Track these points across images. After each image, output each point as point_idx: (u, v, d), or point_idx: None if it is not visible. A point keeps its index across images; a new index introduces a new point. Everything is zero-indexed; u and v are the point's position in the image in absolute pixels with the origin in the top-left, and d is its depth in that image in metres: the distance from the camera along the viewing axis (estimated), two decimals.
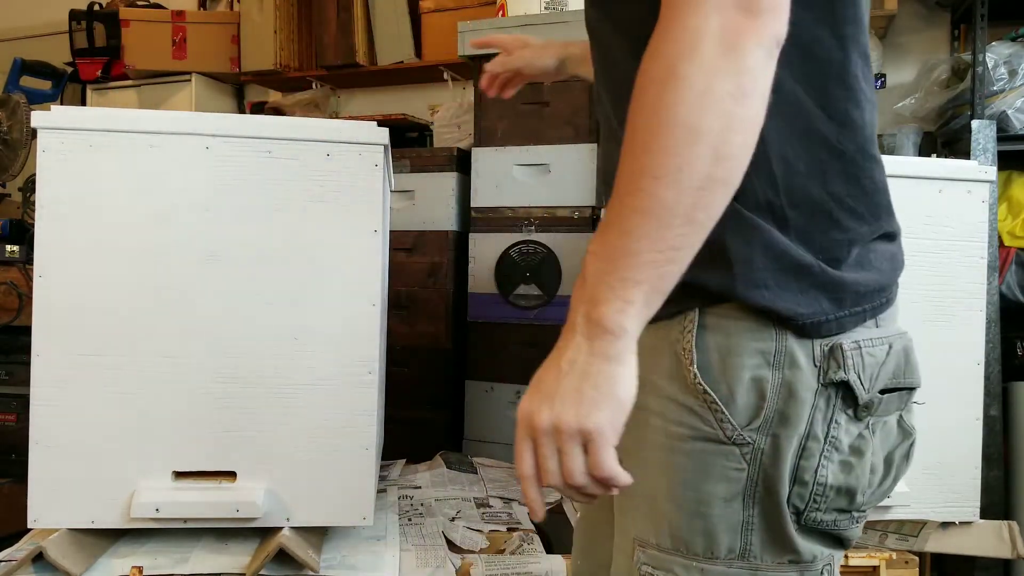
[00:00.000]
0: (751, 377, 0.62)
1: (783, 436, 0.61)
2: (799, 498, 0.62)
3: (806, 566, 0.64)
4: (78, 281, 1.10)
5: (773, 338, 0.61)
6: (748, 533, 0.64)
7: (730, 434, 0.62)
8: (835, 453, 0.62)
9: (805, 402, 0.61)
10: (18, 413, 2.17)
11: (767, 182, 0.62)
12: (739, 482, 0.63)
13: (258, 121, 1.15)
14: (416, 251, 2.12)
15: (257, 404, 1.13)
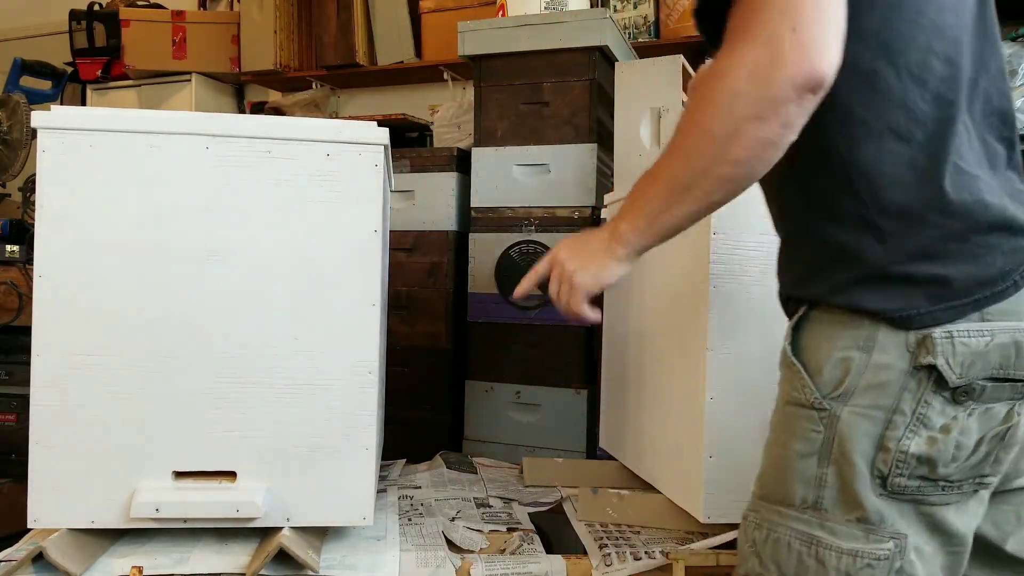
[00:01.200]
0: (839, 357, 0.75)
1: (863, 408, 0.73)
2: (883, 463, 0.73)
3: (872, 528, 0.73)
4: (78, 281, 1.10)
5: (865, 328, 0.73)
6: (821, 488, 0.76)
7: (812, 400, 0.76)
8: (922, 428, 0.71)
9: (892, 382, 0.72)
10: (18, 413, 2.17)
11: (854, 198, 0.75)
12: (815, 442, 0.76)
13: (258, 121, 1.15)
14: (416, 251, 2.12)
15: (257, 404, 1.13)
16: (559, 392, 1.92)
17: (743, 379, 1.19)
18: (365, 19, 3.00)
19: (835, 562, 0.74)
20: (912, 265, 0.72)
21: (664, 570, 1.18)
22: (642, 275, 1.49)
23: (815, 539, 0.76)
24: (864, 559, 0.74)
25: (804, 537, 0.76)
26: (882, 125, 0.73)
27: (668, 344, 1.35)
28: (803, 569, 0.76)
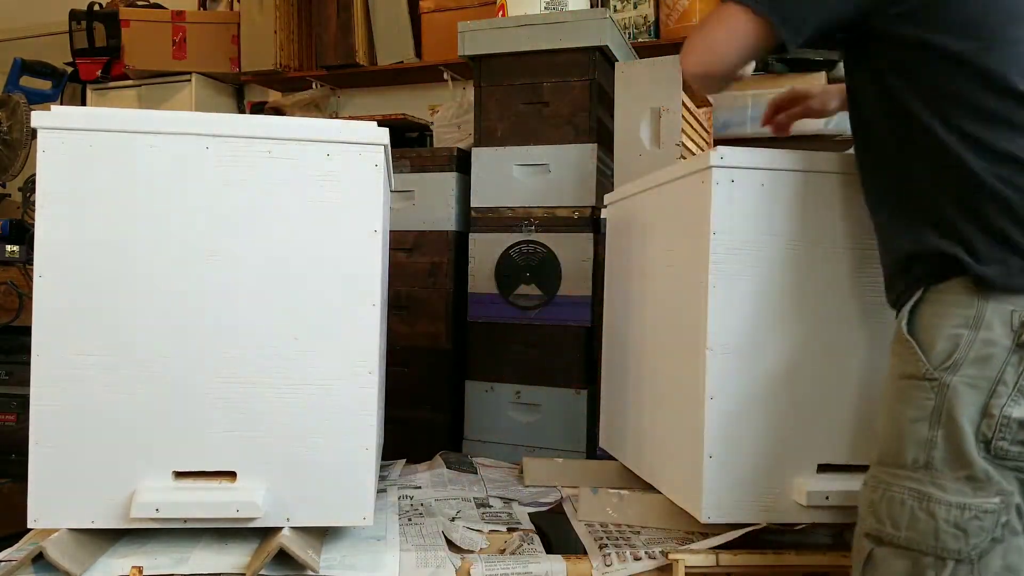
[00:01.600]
0: (950, 333, 0.87)
1: (970, 378, 0.85)
2: (987, 427, 0.84)
3: (979, 484, 0.84)
4: (78, 281, 1.10)
5: (974, 307, 0.86)
6: (931, 449, 0.87)
7: (924, 372, 0.88)
8: (1022, 398, 0.84)
9: (997, 356, 0.84)
10: (18, 413, 2.17)
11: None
12: (926, 409, 0.88)
13: (258, 121, 1.15)
14: (416, 251, 2.12)
15: (257, 404, 1.13)
16: (559, 392, 1.92)
17: (743, 379, 1.19)
18: (365, 19, 3.00)
19: (945, 514, 0.85)
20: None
21: (664, 570, 1.18)
22: (643, 275, 1.49)
23: (926, 495, 0.86)
24: (972, 511, 0.84)
25: (916, 493, 0.87)
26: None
27: (668, 344, 1.35)
28: (915, 521, 0.86)
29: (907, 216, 0.97)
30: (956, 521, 0.84)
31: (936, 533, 0.86)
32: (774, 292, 1.20)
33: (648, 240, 1.46)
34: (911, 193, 0.97)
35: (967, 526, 0.84)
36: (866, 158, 1.06)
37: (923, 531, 0.86)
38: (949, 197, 0.91)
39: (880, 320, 1.21)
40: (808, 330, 1.20)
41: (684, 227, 1.29)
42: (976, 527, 0.84)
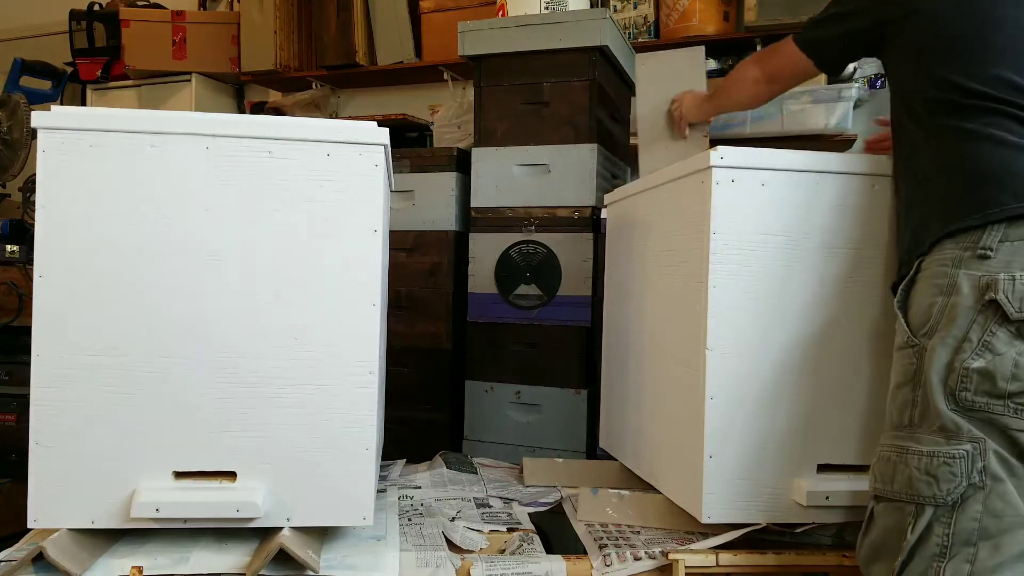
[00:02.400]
0: (928, 302, 0.97)
1: (941, 337, 0.93)
2: (952, 381, 0.91)
3: (951, 434, 0.91)
4: (78, 281, 1.10)
5: (947, 276, 0.95)
6: (912, 409, 0.96)
7: (907, 339, 0.99)
8: (987, 352, 0.90)
9: (964, 316, 0.92)
10: (18, 413, 2.17)
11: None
12: (909, 373, 0.98)
13: (258, 121, 1.15)
14: (416, 251, 2.12)
15: (257, 404, 1.13)
16: (559, 392, 1.92)
17: (743, 379, 1.19)
18: (365, 19, 3.00)
19: (916, 463, 0.93)
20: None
21: (664, 570, 1.18)
22: (643, 275, 1.49)
23: (904, 448, 0.95)
24: (940, 458, 0.91)
25: (897, 449, 0.96)
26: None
27: (668, 344, 1.35)
28: (896, 474, 0.95)
29: (913, 202, 1.08)
30: (927, 468, 0.92)
31: (911, 481, 0.93)
32: (774, 292, 1.20)
33: (648, 240, 1.46)
34: (915, 179, 1.08)
35: (936, 472, 0.91)
36: (894, 155, 1.17)
37: (902, 481, 0.94)
38: (943, 180, 1.02)
39: (879, 320, 1.21)
40: (808, 330, 1.20)
41: (684, 227, 1.29)
42: (946, 472, 0.91)
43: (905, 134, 1.11)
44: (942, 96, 1.03)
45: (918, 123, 1.07)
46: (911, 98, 1.09)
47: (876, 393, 1.22)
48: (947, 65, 1.03)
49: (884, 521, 0.99)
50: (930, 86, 1.05)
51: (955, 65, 1.02)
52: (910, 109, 1.09)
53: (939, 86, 1.03)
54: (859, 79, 2.21)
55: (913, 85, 1.08)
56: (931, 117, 1.05)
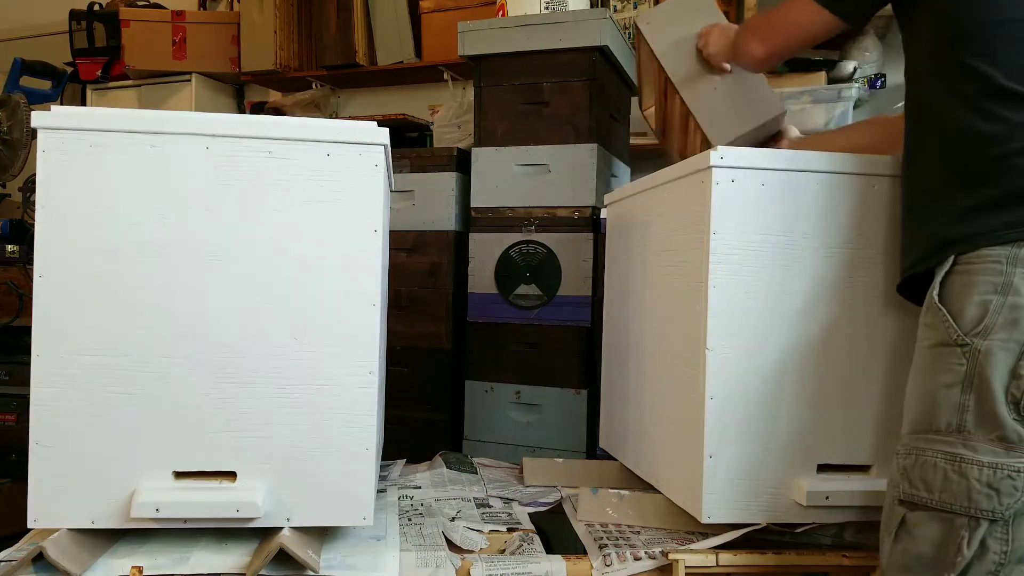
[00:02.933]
0: (980, 300, 0.89)
1: (1001, 341, 0.87)
2: (1016, 388, 0.86)
3: (1012, 445, 0.86)
4: (78, 281, 1.10)
5: (1003, 274, 0.89)
6: (964, 412, 0.89)
7: (955, 338, 0.91)
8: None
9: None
10: (18, 413, 2.17)
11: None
12: (959, 374, 0.90)
13: (258, 121, 1.15)
14: (416, 251, 2.12)
15: (257, 404, 1.13)
16: (559, 392, 1.92)
17: (743, 379, 1.19)
18: (365, 19, 3.00)
19: (977, 474, 0.86)
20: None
21: (664, 570, 1.18)
22: (643, 274, 1.49)
23: (959, 456, 0.88)
24: (1004, 471, 0.85)
25: (949, 456, 0.88)
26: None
27: (668, 344, 1.35)
28: (948, 483, 0.88)
29: (944, 192, 1.00)
30: (988, 480, 0.86)
31: (969, 493, 0.87)
32: (774, 292, 1.20)
33: (648, 240, 1.46)
34: (953, 166, 1.00)
35: (999, 485, 0.85)
36: (916, 135, 1.10)
37: (956, 492, 0.88)
38: (999, 168, 0.95)
39: (880, 319, 1.21)
40: (808, 330, 1.20)
41: (684, 227, 1.29)
42: (1009, 486, 0.85)
43: (938, 113, 1.01)
44: (994, 76, 0.94)
45: (962, 102, 0.97)
46: (953, 73, 0.98)
47: (877, 393, 1.22)
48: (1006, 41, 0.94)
49: (926, 532, 0.92)
50: (985, 62, 0.95)
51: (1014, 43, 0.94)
52: (952, 87, 0.98)
53: (994, 63, 0.94)
54: (859, 79, 2.21)
55: (957, 56, 0.98)
56: (985, 99, 0.94)
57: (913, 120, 1.09)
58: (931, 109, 1.03)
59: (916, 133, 1.08)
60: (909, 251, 1.05)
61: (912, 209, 1.06)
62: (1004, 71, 0.93)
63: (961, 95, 0.97)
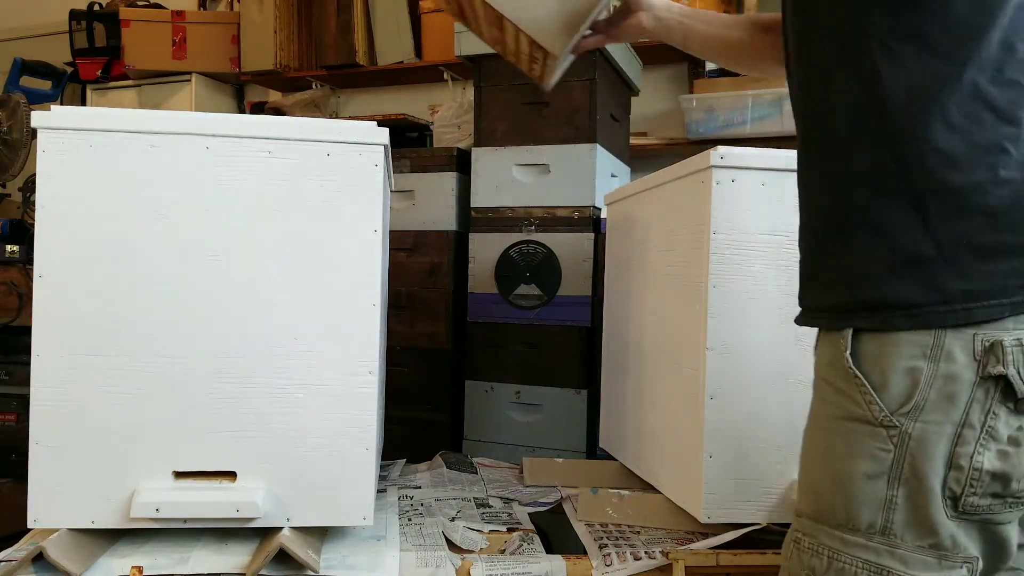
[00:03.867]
0: (906, 367, 0.68)
1: (934, 423, 0.68)
2: (956, 483, 0.68)
3: (945, 554, 0.69)
4: (78, 281, 1.10)
5: (931, 333, 0.67)
6: (890, 511, 0.70)
7: (879, 416, 0.70)
8: (992, 442, 0.67)
9: (961, 393, 0.67)
10: (18, 413, 2.16)
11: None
12: (884, 462, 0.70)
13: (258, 121, 1.15)
14: (416, 251, 2.12)
15: (257, 404, 1.13)
16: (559, 392, 1.92)
17: (743, 379, 1.19)
18: (365, 19, 3.00)
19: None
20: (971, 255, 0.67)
21: (664, 570, 1.18)
22: (643, 274, 1.49)
23: (885, 569, 0.70)
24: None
25: (874, 568, 0.71)
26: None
27: (668, 344, 1.35)
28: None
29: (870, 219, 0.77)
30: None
31: None
32: (774, 292, 1.20)
33: (648, 240, 1.46)
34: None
35: None
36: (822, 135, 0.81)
37: None
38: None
39: None
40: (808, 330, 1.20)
41: (684, 227, 1.29)
42: None
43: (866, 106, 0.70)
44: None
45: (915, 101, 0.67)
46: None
47: None
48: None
49: None
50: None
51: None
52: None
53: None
54: None
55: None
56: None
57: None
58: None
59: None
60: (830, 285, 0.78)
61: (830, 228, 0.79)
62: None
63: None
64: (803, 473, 0.78)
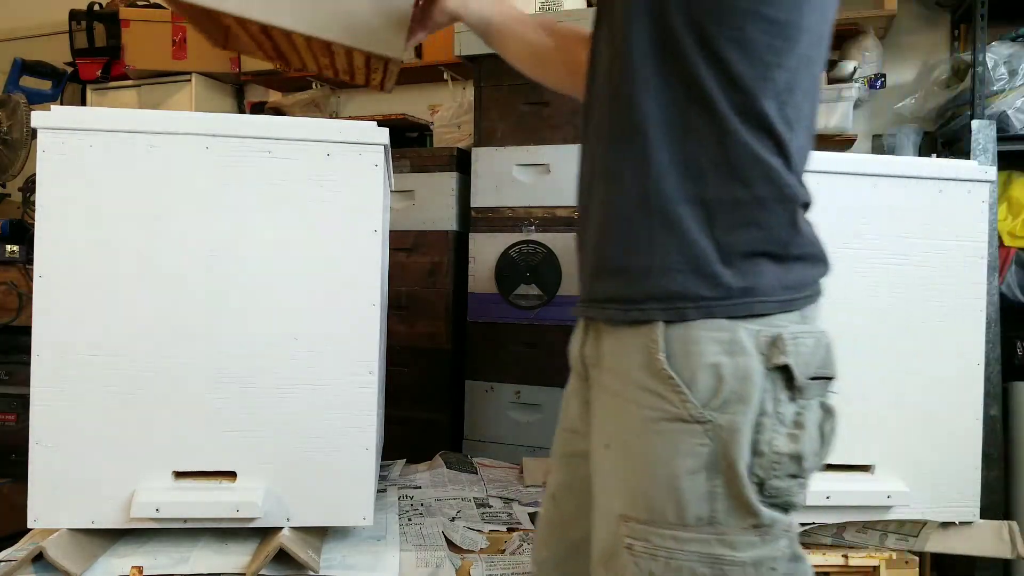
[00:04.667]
0: (710, 363, 0.72)
1: (739, 414, 0.72)
2: (760, 468, 0.73)
3: (766, 530, 0.74)
4: (78, 281, 1.10)
5: (726, 329, 0.72)
6: (714, 501, 0.73)
7: (693, 413, 0.73)
8: (781, 427, 0.73)
9: (756, 384, 0.72)
10: (18, 413, 2.17)
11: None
12: (702, 456, 0.73)
13: (258, 121, 1.16)
14: (416, 251, 2.12)
15: (257, 404, 1.13)
16: (559, 392, 1.92)
17: None
18: None
19: (740, 574, 0.73)
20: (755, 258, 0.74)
21: None
22: None
23: (717, 557, 0.73)
24: (767, 564, 0.74)
25: (706, 558, 0.74)
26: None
27: None
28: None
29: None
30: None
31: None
32: None
33: None
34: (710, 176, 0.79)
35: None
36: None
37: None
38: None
39: (880, 317, 1.21)
40: None
41: None
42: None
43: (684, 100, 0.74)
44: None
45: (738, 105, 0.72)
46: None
47: (876, 392, 1.22)
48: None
49: None
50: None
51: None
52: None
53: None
54: (859, 79, 2.21)
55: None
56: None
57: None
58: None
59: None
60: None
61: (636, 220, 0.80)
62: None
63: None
64: (624, 479, 0.78)
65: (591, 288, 0.83)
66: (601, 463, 0.81)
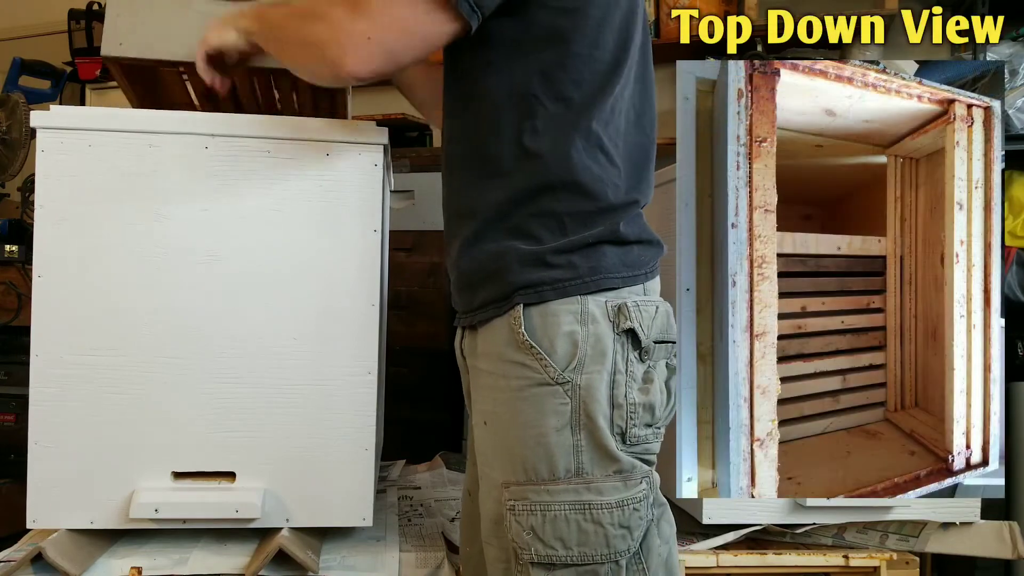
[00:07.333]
0: (566, 332, 0.83)
1: (595, 373, 0.82)
2: (620, 419, 0.83)
3: (628, 475, 0.83)
4: (78, 281, 1.10)
5: (578, 302, 0.84)
6: (579, 454, 0.83)
7: (554, 376, 0.83)
8: (634, 382, 0.84)
9: (608, 347, 0.83)
10: (18, 413, 2.16)
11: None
12: (565, 414, 0.83)
13: (258, 121, 1.15)
14: (416, 251, 2.11)
15: (257, 404, 1.13)
16: None
17: None
18: None
19: (610, 518, 0.82)
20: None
21: None
22: None
23: (587, 504, 0.82)
24: (631, 505, 0.82)
25: (577, 505, 0.82)
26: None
27: None
28: (584, 535, 0.82)
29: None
30: (620, 521, 0.82)
31: (607, 540, 0.82)
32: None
33: None
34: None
35: (630, 522, 0.82)
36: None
37: (595, 542, 0.82)
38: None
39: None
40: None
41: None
42: (637, 519, 0.83)
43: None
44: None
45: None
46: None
47: None
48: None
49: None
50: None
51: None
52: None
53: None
54: None
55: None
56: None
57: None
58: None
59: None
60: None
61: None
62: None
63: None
64: (501, 448, 0.87)
65: (468, 302, 0.92)
66: (482, 441, 0.90)
